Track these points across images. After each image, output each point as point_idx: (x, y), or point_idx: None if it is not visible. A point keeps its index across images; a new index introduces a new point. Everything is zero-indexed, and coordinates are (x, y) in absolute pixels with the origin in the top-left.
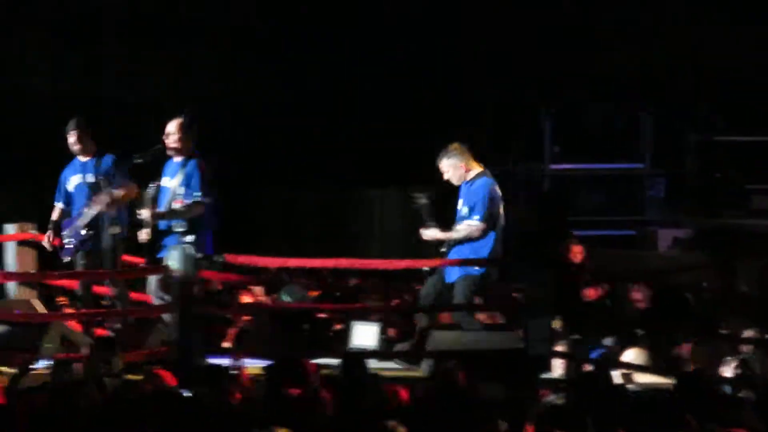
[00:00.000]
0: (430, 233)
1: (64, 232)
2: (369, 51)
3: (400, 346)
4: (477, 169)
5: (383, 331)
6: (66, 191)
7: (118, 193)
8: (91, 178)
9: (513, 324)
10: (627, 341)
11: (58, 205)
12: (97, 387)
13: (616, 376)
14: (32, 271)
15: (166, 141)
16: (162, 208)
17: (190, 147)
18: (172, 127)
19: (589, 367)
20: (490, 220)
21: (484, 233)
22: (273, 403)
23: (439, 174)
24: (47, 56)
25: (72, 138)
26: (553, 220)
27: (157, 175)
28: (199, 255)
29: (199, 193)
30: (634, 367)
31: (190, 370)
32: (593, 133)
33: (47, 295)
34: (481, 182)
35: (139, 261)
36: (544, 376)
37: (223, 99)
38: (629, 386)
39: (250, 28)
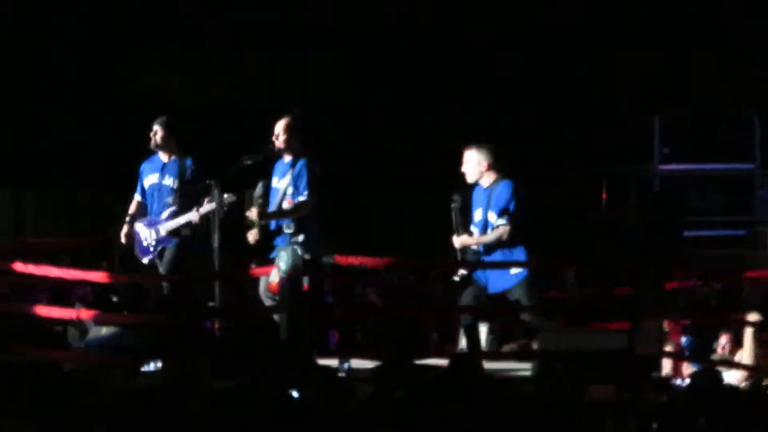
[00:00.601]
0: (462, 240)
1: (143, 231)
2: (476, 51)
3: (508, 347)
4: (494, 174)
5: (492, 332)
6: (142, 186)
7: (209, 208)
8: (169, 180)
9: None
10: (737, 340)
11: (137, 198)
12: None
13: (728, 376)
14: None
15: (275, 142)
16: (271, 209)
17: (298, 147)
18: (280, 127)
19: (699, 368)
20: (518, 222)
21: (513, 236)
22: (381, 405)
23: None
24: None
25: (158, 134)
26: (664, 221)
27: (267, 176)
28: (308, 256)
29: (307, 192)
30: (745, 366)
31: (299, 371)
32: (702, 135)
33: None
34: (504, 185)
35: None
36: (654, 375)
37: (329, 100)
38: (741, 386)
39: (361, 30)
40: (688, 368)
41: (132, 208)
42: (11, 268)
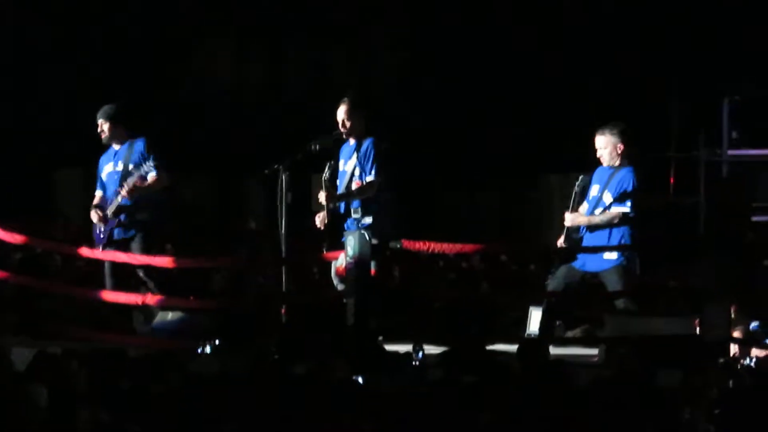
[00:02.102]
0: (574, 217)
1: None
2: (547, 44)
3: (572, 333)
4: (619, 158)
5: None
6: (101, 179)
7: (132, 181)
8: (119, 166)
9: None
10: None
11: (98, 193)
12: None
13: None
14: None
15: (339, 127)
16: (339, 191)
17: (361, 128)
18: (341, 114)
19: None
20: (635, 210)
21: (625, 222)
22: (449, 390)
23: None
24: (229, 48)
25: (103, 128)
26: (734, 205)
27: (333, 160)
28: (375, 240)
29: (374, 171)
30: None
31: (366, 356)
32: None
33: None
34: (627, 170)
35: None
36: (722, 361)
37: (404, 94)
38: None
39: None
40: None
41: (95, 202)
42: (78, 252)
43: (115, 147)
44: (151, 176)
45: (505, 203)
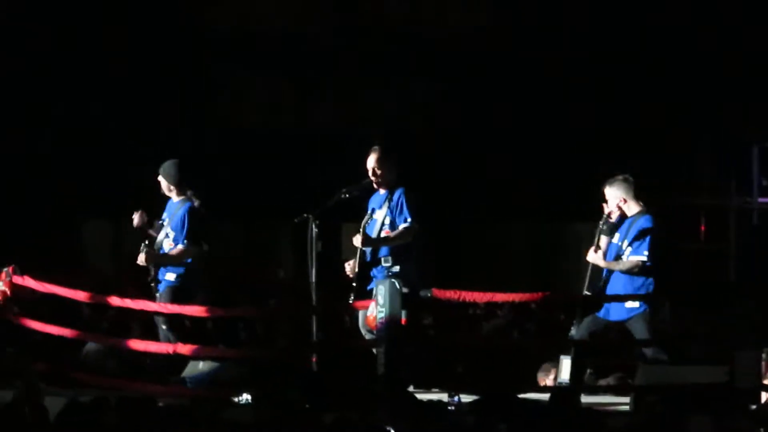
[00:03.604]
0: (594, 258)
1: None
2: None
3: (604, 381)
4: (636, 207)
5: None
6: None
7: (141, 258)
8: (166, 223)
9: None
10: None
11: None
12: None
13: None
14: None
15: (370, 176)
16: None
17: (393, 178)
18: (372, 163)
19: None
20: (653, 259)
21: (644, 271)
22: None
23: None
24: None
25: (161, 184)
26: (765, 253)
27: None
28: (405, 289)
29: (410, 219)
30: None
31: (397, 405)
32: None
33: None
34: (645, 219)
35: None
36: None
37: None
38: None
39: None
40: None
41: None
42: (107, 301)
43: (173, 200)
44: (178, 248)
45: (534, 249)
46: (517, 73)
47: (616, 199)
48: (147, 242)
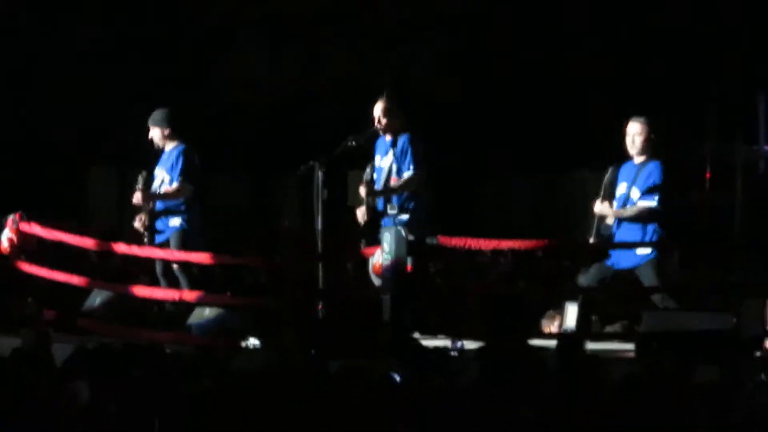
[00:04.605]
0: (602, 208)
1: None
2: (585, 28)
3: (611, 328)
4: (644, 152)
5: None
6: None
7: (136, 197)
8: (160, 172)
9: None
10: None
11: None
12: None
13: None
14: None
15: (376, 124)
16: (377, 188)
17: (398, 125)
18: (377, 110)
19: None
20: (664, 206)
21: (654, 217)
22: (486, 387)
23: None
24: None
25: (150, 133)
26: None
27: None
28: (411, 237)
29: (413, 167)
30: None
31: (404, 353)
32: None
33: None
34: (655, 164)
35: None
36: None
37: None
38: None
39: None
40: None
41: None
42: (113, 248)
43: (165, 150)
44: (174, 185)
45: (538, 196)
46: (523, 23)
47: (641, 135)
48: (142, 181)
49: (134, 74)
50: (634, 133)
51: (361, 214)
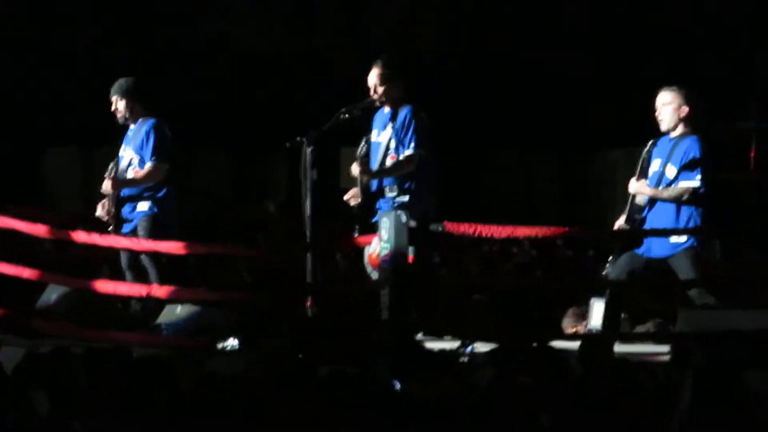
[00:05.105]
0: (638, 186)
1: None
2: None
3: (643, 327)
4: (685, 127)
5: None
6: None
7: (106, 184)
8: (127, 150)
9: None
10: None
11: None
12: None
13: None
14: None
15: (371, 94)
16: (373, 166)
17: (397, 95)
18: (373, 79)
19: None
20: (706, 185)
21: (697, 199)
22: (500, 392)
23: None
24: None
25: (113, 105)
26: None
27: (366, 130)
28: (413, 223)
29: (414, 145)
30: None
31: (405, 357)
32: None
33: None
34: (692, 139)
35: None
36: None
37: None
38: None
39: None
40: None
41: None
42: (72, 238)
43: (132, 127)
44: (146, 167)
45: (562, 179)
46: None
47: (676, 109)
48: (113, 167)
49: (99, 40)
50: (662, 102)
51: (352, 195)
